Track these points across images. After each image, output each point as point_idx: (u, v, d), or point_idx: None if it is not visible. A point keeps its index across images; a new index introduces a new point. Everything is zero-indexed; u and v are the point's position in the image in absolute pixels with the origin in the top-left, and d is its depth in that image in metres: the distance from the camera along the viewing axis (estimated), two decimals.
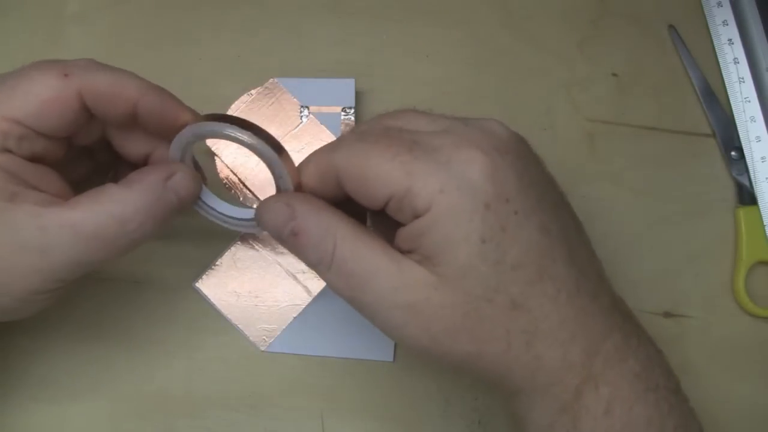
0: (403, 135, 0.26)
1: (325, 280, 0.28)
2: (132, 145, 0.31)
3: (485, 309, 0.25)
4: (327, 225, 0.27)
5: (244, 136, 0.27)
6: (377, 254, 0.26)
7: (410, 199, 0.25)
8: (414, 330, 0.26)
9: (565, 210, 0.28)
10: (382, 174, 0.25)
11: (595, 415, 0.26)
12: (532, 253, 0.25)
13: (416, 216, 0.25)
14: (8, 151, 0.27)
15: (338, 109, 0.38)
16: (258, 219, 0.29)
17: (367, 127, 0.28)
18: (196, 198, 0.31)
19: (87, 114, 0.29)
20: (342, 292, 0.27)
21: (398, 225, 0.27)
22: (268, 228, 0.28)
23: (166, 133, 0.30)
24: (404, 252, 0.26)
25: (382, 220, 0.29)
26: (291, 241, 0.28)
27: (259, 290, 0.37)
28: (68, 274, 0.28)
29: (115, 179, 0.29)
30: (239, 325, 0.37)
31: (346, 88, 0.38)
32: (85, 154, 0.33)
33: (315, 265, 0.27)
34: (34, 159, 0.28)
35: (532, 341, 0.26)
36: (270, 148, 0.27)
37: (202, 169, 0.33)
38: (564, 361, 0.26)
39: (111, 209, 0.27)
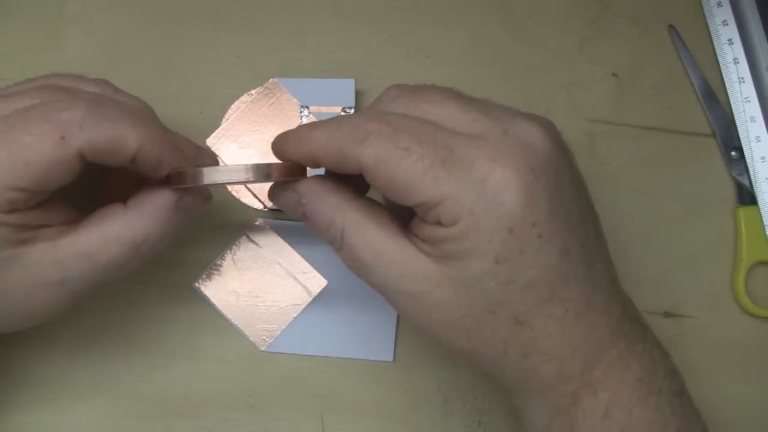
0: (438, 138, 0.25)
1: (339, 256, 0.28)
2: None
3: (485, 318, 0.25)
4: (335, 211, 0.27)
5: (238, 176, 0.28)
6: (385, 241, 0.26)
7: (438, 211, 0.25)
8: (416, 314, 0.27)
9: (590, 220, 0.27)
10: (413, 185, 0.25)
11: (593, 418, 0.26)
12: (547, 276, 0.25)
13: (437, 223, 0.25)
14: (16, 210, 0.27)
15: (338, 109, 0.38)
16: (273, 201, 0.29)
17: (401, 120, 0.26)
18: (199, 214, 0.31)
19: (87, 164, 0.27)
20: (353, 271, 0.28)
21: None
22: (283, 209, 0.29)
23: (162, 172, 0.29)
24: (416, 236, 0.26)
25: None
26: (305, 222, 0.28)
27: (259, 290, 0.37)
28: (85, 296, 0.29)
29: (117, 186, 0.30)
30: (239, 325, 0.37)
31: (346, 88, 0.38)
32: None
33: (329, 244, 0.28)
34: (41, 203, 0.28)
35: (529, 353, 0.26)
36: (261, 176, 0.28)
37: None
38: (560, 375, 0.26)
39: (124, 235, 0.28)
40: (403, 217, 0.27)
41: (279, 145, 0.29)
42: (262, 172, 0.28)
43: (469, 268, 0.25)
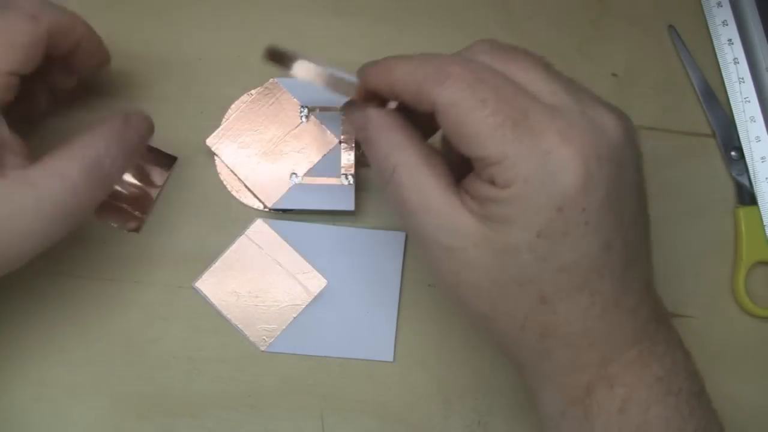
0: (517, 100, 0.25)
1: (384, 195, 0.29)
2: (65, 80, 0.35)
3: (512, 289, 0.26)
4: (393, 146, 0.28)
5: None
6: (434, 190, 0.26)
7: (494, 170, 0.25)
8: (446, 268, 0.27)
9: (641, 222, 0.27)
10: (479, 138, 0.25)
11: (609, 412, 0.26)
12: (584, 265, 0.25)
13: (491, 182, 0.25)
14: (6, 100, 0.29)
15: (338, 109, 0.38)
16: (344, 113, 0.30)
17: (485, 72, 0.26)
18: (151, 134, 0.34)
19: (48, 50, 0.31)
20: (393, 210, 0.28)
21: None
22: (350, 123, 0.30)
23: (91, 65, 0.35)
24: (466, 191, 0.26)
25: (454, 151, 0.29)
26: (364, 147, 0.29)
27: (259, 290, 0.37)
28: (59, 228, 0.29)
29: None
30: (239, 325, 0.37)
31: None
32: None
33: (377, 176, 0.28)
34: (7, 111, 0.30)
35: (546, 335, 0.26)
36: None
37: (201, 167, 0.34)
38: (575, 362, 0.26)
39: (88, 152, 0.29)
40: (459, 172, 0.28)
41: (364, 70, 0.30)
42: (344, 86, 0.30)
43: (510, 235, 0.25)
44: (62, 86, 0.36)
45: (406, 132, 0.28)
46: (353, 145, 0.37)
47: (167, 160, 0.38)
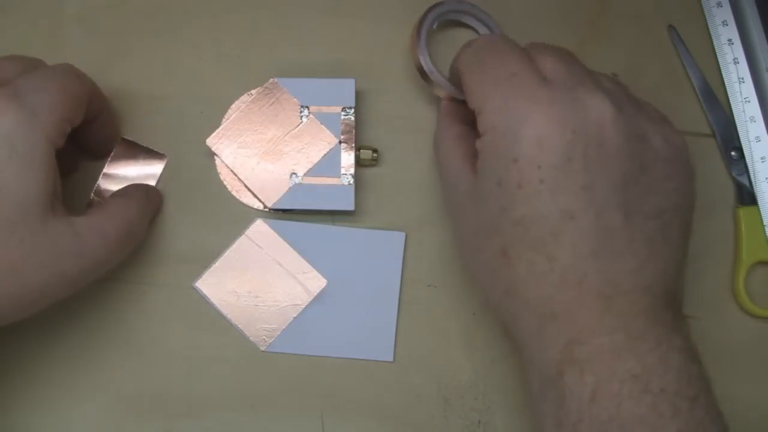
0: (511, 65, 0.29)
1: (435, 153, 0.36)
2: (97, 142, 0.38)
3: (483, 240, 0.29)
4: (443, 126, 0.36)
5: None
6: (455, 159, 0.33)
7: (479, 119, 0.30)
8: (454, 218, 0.33)
9: (649, 220, 0.28)
10: (470, 90, 0.31)
11: (581, 399, 0.26)
12: (538, 223, 0.27)
13: (481, 131, 0.29)
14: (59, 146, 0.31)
15: (338, 109, 0.38)
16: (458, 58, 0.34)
17: (500, 44, 0.31)
18: (161, 205, 0.38)
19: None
20: (436, 156, 0.36)
21: None
22: (456, 70, 0.34)
23: (105, 140, 0.38)
24: (477, 155, 0.30)
25: None
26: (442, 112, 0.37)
27: (259, 290, 0.37)
28: (88, 278, 0.32)
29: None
30: (239, 325, 0.37)
31: (346, 88, 0.38)
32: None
33: (435, 136, 0.37)
34: None
35: (510, 293, 0.28)
36: None
37: (201, 167, 0.36)
38: (539, 334, 0.27)
39: (124, 215, 0.33)
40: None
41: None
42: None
43: (482, 182, 0.29)
44: (89, 150, 0.38)
45: (453, 117, 0.35)
46: (353, 145, 0.37)
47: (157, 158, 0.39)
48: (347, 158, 0.37)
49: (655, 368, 0.27)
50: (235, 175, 0.38)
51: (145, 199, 0.36)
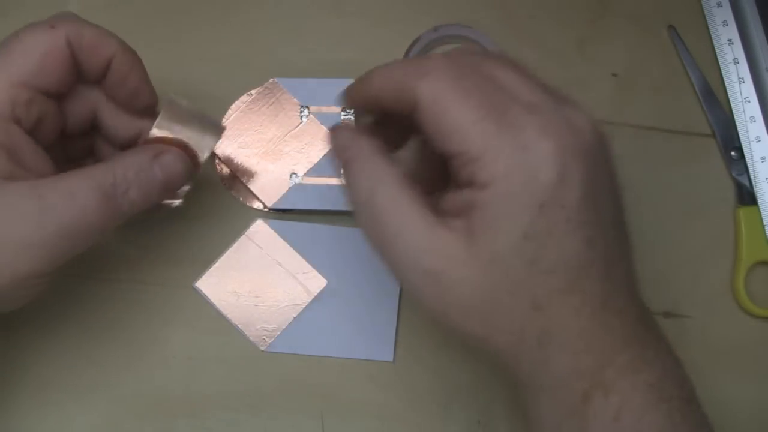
0: (499, 95, 0.25)
1: (358, 224, 0.27)
2: (121, 124, 0.32)
3: (504, 300, 0.25)
4: (374, 168, 0.27)
5: None
6: (414, 212, 0.26)
7: (474, 167, 0.25)
8: (429, 294, 0.26)
9: (618, 224, 0.28)
10: (461, 130, 0.25)
11: (604, 420, 0.26)
12: (570, 264, 0.25)
13: (471, 183, 0.25)
14: (17, 122, 0.28)
15: (338, 109, 0.38)
16: (330, 138, 0.29)
17: (467, 68, 0.26)
18: (184, 181, 0.32)
19: (75, 67, 0.30)
20: (370, 240, 0.27)
21: (447, 177, 0.27)
22: (332, 147, 0.29)
23: (126, 99, 0.31)
24: (446, 213, 0.26)
25: (432, 164, 0.30)
26: (343, 169, 0.28)
27: (259, 290, 0.37)
28: (61, 248, 0.28)
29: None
30: (239, 325, 0.37)
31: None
32: (76, 143, 0.34)
33: (354, 203, 0.27)
34: (34, 132, 0.29)
35: (544, 342, 0.26)
36: None
37: (203, 168, 0.33)
38: (573, 369, 0.26)
39: (104, 176, 0.29)
40: (431, 183, 0.28)
41: (349, 88, 0.29)
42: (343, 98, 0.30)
43: (496, 242, 0.24)
44: (119, 133, 0.33)
45: (386, 157, 0.27)
46: None
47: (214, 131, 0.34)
48: None
49: (662, 375, 0.27)
50: (235, 175, 0.38)
51: (143, 163, 0.30)
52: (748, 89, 0.40)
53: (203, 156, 0.32)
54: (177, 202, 0.34)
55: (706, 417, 0.28)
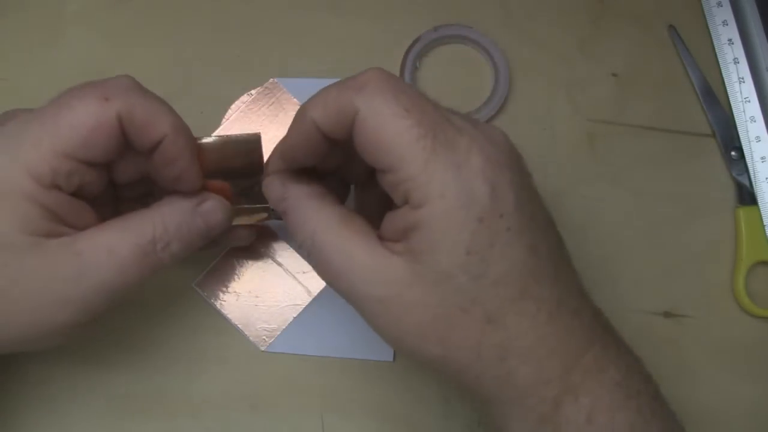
0: (436, 115, 0.25)
1: (310, 265, 0.28)
2: (164, 171, 0.30)
3: (458, 318, 0.25)
4: (311, 213, 0.27)
5: None
6: (356, 247, 0.26)
7: (409, 185, 0.25)
8: (385, 322, 0.26)
9: (553, 229, 0.28)
10: (398, 148, 0.24)
11: (577, 424, 0.26)
12: (517, 272, 0.25)
13: (406, 203, 0.25)
14: (57, 187, 0.27)
15: None
16: (264, 190, 0.30)
17: (404, 84, 0.26)
18: (226, 227, 0.31)
19: (124, 140, 0.28)
20: (321, 276, 0.28)
21: (386, 208, 0.27)
22: (268, 199, 0.30)
23: (170, 182, 0.30)
24: (388, 240, 0.26)
25: (370, 198, 0.30)
26: (283, 218, 0.29)
27: (259, 290, 0.37)
28: (99, 303, 0.28)
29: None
30: (239, 325, 0.37)
31: None
32: (124, 192, 0.33)
33: (299, 247, 0.28)
34: (78, 192, 0.28)
35: (505, 356, 0.25)
36: None
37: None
38: (538, 377, 0.26)
39: (143, 229, 0.28)
40: (372, 215, 0.28)
41: (278, 145, 0.29)
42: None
43: (440, 262, 0.25)
44: (155, 178, 0.31)
45: (322, 199, 0.28)
46: None
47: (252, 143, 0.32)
48: None
49: (627, 372, 0.27)
50: None
51: (185, 214, 0.29)
52: (749, 89, 0.40)
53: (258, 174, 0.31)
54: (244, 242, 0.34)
55: (674, 413, 0.28)
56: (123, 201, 0.33)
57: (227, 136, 0.31)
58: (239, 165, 0.31)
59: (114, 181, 0.31)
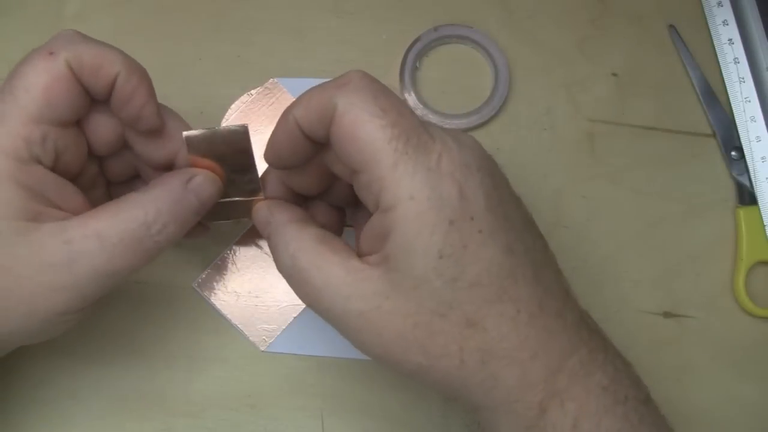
0: (412, 118, 0.25)
1: (292, 288, 0.28)
2: (153, 149, 0.31)
3: (437, 323, 0.25)
4: (290, 236, 0.28)
5: None
6: (333, 264, 0.26)
7: (380, 186, 0.25)
8: (367, 336, 0.26)
9: (532, 229, 0.28)
10: (372, 147, 0.25)
11: (563, 430, 0.25)
12: (493, 273, 0.25)
13: (377, 206, 0.25)
14: (37, 161, 0.27)
15: None
16: (253, 216, 0.31)
17: (384, 87, 0.26)
18: (217, 197, 0.31)
19: (84, 90, 0.28)
20: (304, 299, 0.28)
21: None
22: (256, 225, 0.31)
23: (130, 121, 0.29)
24: (365, 254, 0.26)
25: (361, 220, 0.31)
26: (267, 240, 0.29)
27: (259, 290, 0.37)
28: (93, 289, 0.27)
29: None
30: (239, 325, 0.37)
31: None
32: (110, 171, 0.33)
33: (281, 272, 0.28)
34: (59, 168, 0.28)
35: (487, 360, 0.25)
36: None
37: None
38: (523, 380, 0.26)
39: (134, 214, 0.28)
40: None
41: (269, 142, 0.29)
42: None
43: (414, 267, 0.25)
44: (153, 155, 0.31)
45: (303, 222, 0.29)
46: None
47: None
48: None
49: (615, 377, 0.26)
50: None
51: (176, 193, 0.29)
52: (749, 89, 0.40)
53: (249, 164, 0.31)
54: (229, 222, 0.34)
55: (664, 418, 0.28)
56: (114, 187, 0.33)
57: (215, 127, 0.31)
58: (228, 157, 0.31)
59: (94, 152, 0.30)
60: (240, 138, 0.31)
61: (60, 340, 0.37)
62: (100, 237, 0.27)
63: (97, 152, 0.31)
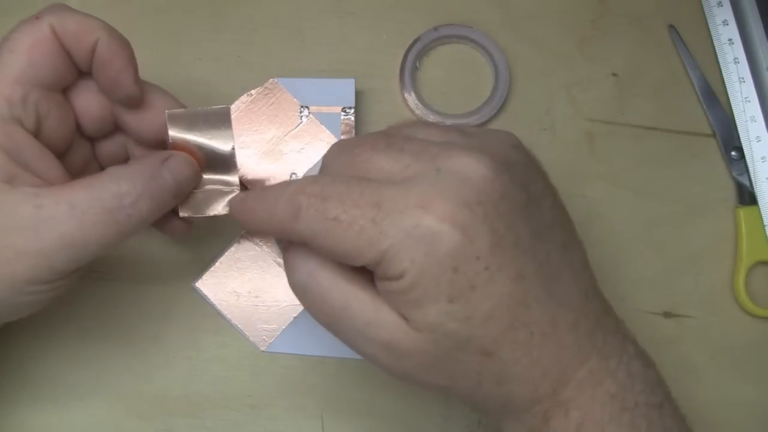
0: (365, 197, 0.25)
1: (302, 304, 0.28)
2: (138, 124, 0.31)
3: (456, 355, 0.25)
4: (309, 252, 0.27)
5: None
6: (355, 288, 0.26)
7: (382, 268, 0.25)
8: (387, 362, 0.26)
9: (552, 233, 0.27)
10: (351, 251, 0.25)
11: None
12: (504, 305, 0.25)
13: (388, 279, 0.25)
14: (18, 122, 0.28)
15: (338, 109, 0.38)
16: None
17: (330, 187, 0.25)
18: (194, 182, 0.31)
19: (68, 57, 0.29)
20: (318, 317, 0.27)
21: None
22: (232, 217, 0.29)
23: (108, 88, 0.30)
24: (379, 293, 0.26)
25: None
26: (283, 254, 0.28)
27: (259, 290, 0.37)
28: (62, 259, 0.27)
29: None
30: (239, 325, 0.37)
31: (346, 88, 0.38)
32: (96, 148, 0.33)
33: (293, 285, 0.27)
34: (43, 136, 0.29)
35: (502, 382, 0.26)
36: None
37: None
38: (533, 396, 0.26)
39: (108, 185, 0.28)
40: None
41: (238, 213, 0.29)
42: None
43: (427, 315, 0.25)
44: (144, 134, 0.31)
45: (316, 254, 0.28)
46: None
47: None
48: None
49: (625, 383, 0.26)
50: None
51: (151, 170, 0.29)
52: (749, 89, 0.40)
53: (229, 147, 0.32)
54: (224, 211, 0.33)
55: (684, 419, 0.28)
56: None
57: (196, 108, 0.31)
58: (208, 138, 0.31)
59: (84, 131, 0.31)
60: (221, 119, 0.31)
61: (59, 340, 0.37)
62: (70, 204, 0.27)
63: (87, 131, 0.31)
